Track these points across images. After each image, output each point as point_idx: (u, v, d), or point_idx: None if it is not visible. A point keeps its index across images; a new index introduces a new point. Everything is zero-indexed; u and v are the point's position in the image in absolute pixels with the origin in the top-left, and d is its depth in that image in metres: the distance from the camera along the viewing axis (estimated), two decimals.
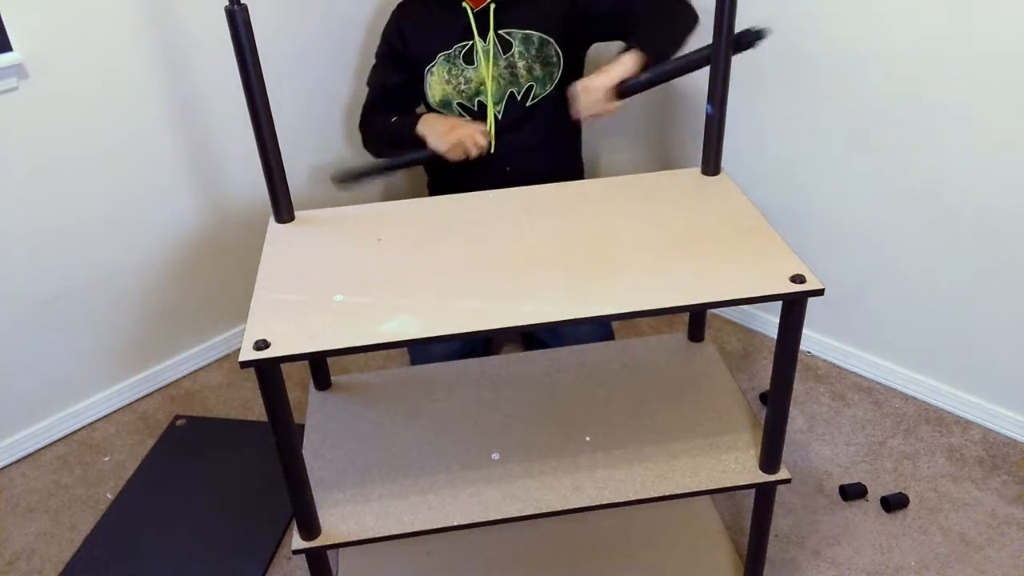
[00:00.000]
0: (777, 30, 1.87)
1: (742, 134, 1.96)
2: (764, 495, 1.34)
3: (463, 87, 1.85)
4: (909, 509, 1.70)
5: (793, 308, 1.13)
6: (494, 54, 1.80)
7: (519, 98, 1.84)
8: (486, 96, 1.84)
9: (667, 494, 1.26)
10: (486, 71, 1.81)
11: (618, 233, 1.23)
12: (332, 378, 1.51)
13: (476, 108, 1.86)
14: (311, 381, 1.50)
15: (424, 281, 1.14)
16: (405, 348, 2.03)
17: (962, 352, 1.88)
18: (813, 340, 2.13)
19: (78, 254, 1.88)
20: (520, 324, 1.05)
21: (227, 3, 1.18)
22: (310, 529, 1.20)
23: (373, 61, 1.96)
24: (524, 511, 1.24)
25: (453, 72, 1.84)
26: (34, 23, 1.66)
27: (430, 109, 1.92)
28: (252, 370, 1.03)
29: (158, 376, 2.13)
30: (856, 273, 1.98)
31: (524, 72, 1.82)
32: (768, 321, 2.21)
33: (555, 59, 1.83)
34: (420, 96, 1.93)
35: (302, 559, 1.26)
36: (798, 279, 1.10)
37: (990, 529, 1.65)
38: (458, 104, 1.87)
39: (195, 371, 2.19)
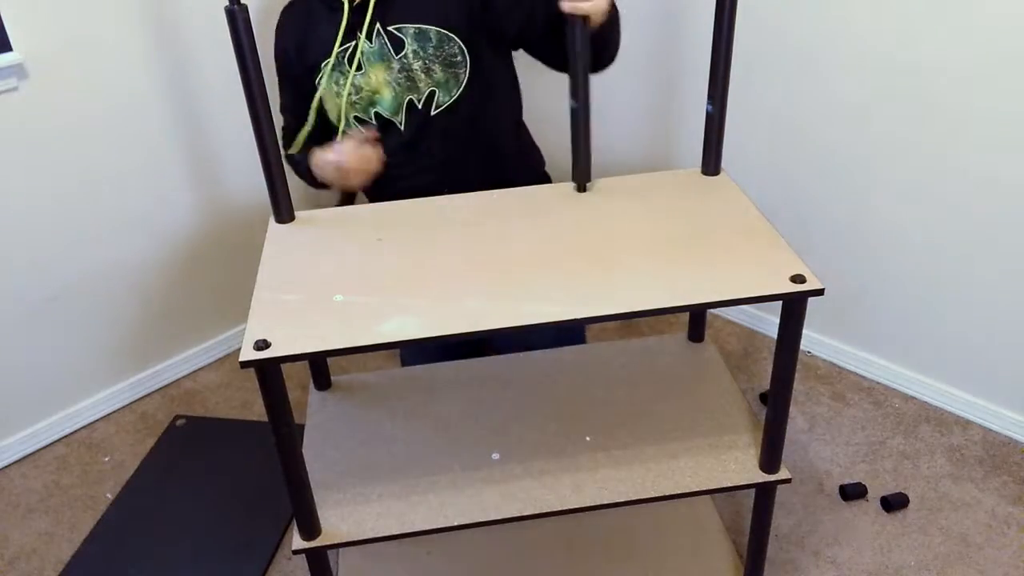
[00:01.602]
0: (778, 29, 1.87)
1: (742, 134, 1.96)
2: (764, 495, 1.33)
3: (354, 97, 1.52)
4: (909, 509, 1.70)
5: (793, 308, 1.12)
6: (381, 53, 1.48)
7: (420, 106, 1.52)
8: (382, 106, 1.52)
9: (667, 494, 1.25)
10: (375, 76, 1.50)
11: (618, 233, 1.23)
12: (332, 378, 1.51)
13: (374, 121, 1.54)
14: (311, 381, 1.50)
15: (424, 281, 1.14)
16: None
17: (962, 352, 1.88)
18: (813, 340, 2.13)
19: (78, 254, 1.88)
20: (520, 324, 1.05)
21: (227, 3, 1.18)
22: (310, 529, 1.20)
23: None
24: (524, 511, 1.24)
25: (341, 81, 1.51)
26: (34, 23, 1.66)
27: (329, 131, 1.58)
28: (252, 370, 1.03)
29: (158, 376, 2.13)
30: (856, 273, 1.98)
31: (422, 75, 1.49)
32: (768, 321, 2.21)
33: (460, 59, 1.50)
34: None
35: (302, 559, 1.26)
36: (798, 279, 1.10)
37: (990, 529, 1.65)
38: (354, 118, 1.54)
39: (195, 371, 2.19)
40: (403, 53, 1.48)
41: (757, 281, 1.10)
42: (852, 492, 1.72)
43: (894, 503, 1.69)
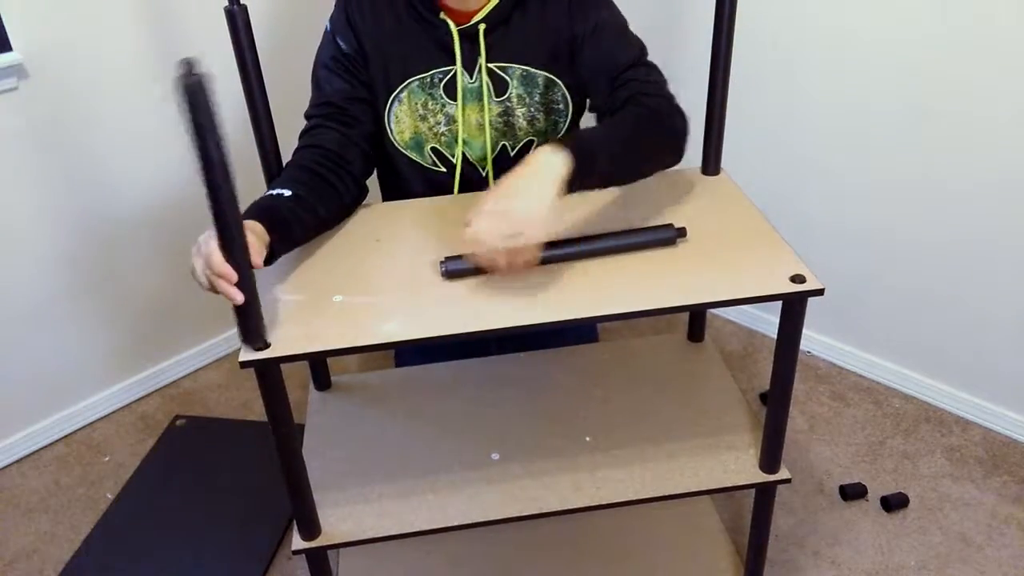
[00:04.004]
0: (779, 30, 1.87)
1: (742, 134, 1.96)
2: (764, 495, 1.33)
3: (441, 128, 1.35)
4: (909, 509, 1.70)
5: (793, 308, 1.12)
6: (479, 92, 1.31)
7: (512, 154, 1.38)
8: (459, 148, 1.36)
9: (667, 494, 1.25)
10: (467, 115, 1.33)
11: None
12: (332, 378, 1.51)
13: (456, 160, 1.38)
14: (311, 381, 1.50)
15: (424, 281, 1.14)
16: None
17: (962, 352, 1.88)
18: (813, 340, 2.13)
19: (78, 254, 1.88)
20: (520, 324, 1.05)
21: (227, 3, 1.18)
22: (310, 529, 1.20)
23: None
24: (524, 511, 1.23)
25: (430, 106, 1.33)
26: (34, 23, 1.66)
27: (391, 153, 1.39)
28: (252, 370, 1.03)
29: (158, 376, 2.13)
30: (856, 273, 1.98)
31: (524, 123, 1.35)
32: (768, 321, 2.21)
33: (563, 107, 1.37)
34: (380, 132, 1.36)
35: (302, 559, 1.26)
36: (798, 279, 1.10)
37: (990, 529, 1.65)
38: (432, 150, 1.37)
39: (195, 371, 2.19)
40: (506, 95, 1.32)
41: (757, 281, 1.10)
42: (852, 492, 1.72)
43: (894, 503, 1.69)
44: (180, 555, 1.66)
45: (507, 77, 1.32)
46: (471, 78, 1.31)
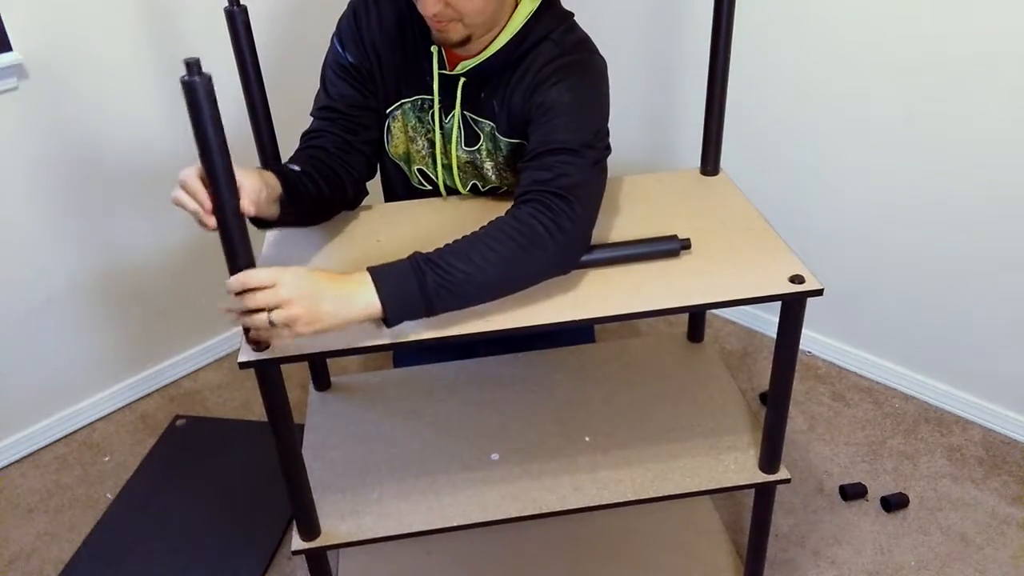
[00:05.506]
0: (777, 30, 1.87)
1: (742, 134, 1.96)
2: (764, 495, 1.34)
3: (424, 152, 1.35)
4: (909, 509, 1.70)
5: (792, 308, 1.12)
6: (455, 137, 1.31)
7: (483, 190, 1.38)
8: (439, 175, 1.36)
9: (667, 494, 1.26)
10: (443, 147, 1.33)
11: (617, 234, 1.23)
12: (332, 378, 1.51)
13: (441, 182, 1.38)
14: (311, 381, 1.50)
15: None
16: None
17: (962, 352, 1.88)
18: (813, 340, 2.13)
19: (78, 254, 1.88)
20: (520, 325, 1.05)
21: (227, 3, 1.19)
22: (310, 530, 1.20)
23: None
24: (524, 511, 1.24)
25: (418, 129, 1.33)
26: (34, 23, 1.66)
27: (386, 161, 1.40)
28: (252, 370, 1.03)
29: (158, 376, 2.13)
30: (856, 273, 1.98)
31: (492, 176, 1.34)
32: (768, 321, 2.21)
33: None
34: (381, 138, 1.36)
35: (302, 559, 1.26)
36: (797, 279, 1.10)
37: (990, 529, 1.65)
38: (418, 170, 1.38)
39: (195, 371, 2.19)
40: (476, 147, 1.32)
41: (756, 282, 1.10)
42: (852, 492, 1.72)
43: (894, 503, 1.69)
44: (180, 555, 1.66)
45: (478, 131, 1.30)
46: (446, 118, 1.30)
